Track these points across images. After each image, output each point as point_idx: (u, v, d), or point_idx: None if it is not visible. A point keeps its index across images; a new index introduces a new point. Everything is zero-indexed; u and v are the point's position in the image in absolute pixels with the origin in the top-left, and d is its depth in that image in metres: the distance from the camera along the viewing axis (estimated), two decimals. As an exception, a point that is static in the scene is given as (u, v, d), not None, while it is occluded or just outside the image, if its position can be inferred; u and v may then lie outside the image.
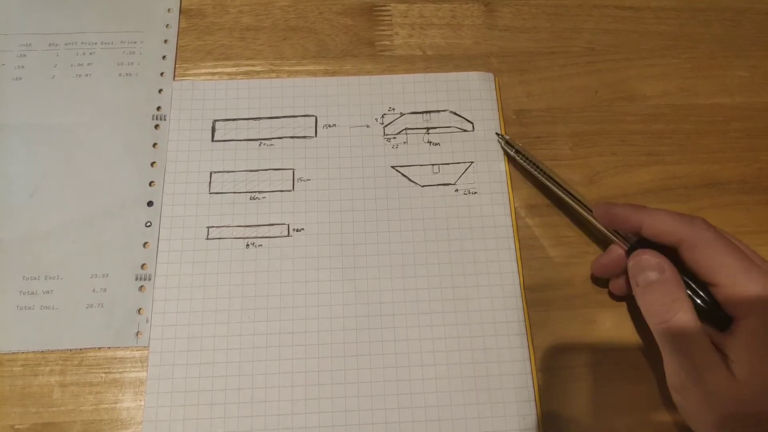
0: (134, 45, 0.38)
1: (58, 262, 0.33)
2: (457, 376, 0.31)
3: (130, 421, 0.30)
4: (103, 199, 0.34)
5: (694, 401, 0.27)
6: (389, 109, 0.37)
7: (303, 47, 0.39)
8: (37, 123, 0.36)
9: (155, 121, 0.36)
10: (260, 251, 0.33)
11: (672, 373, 0.28)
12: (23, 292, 0.32)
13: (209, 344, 0.31)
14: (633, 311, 0.33)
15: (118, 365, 0.31)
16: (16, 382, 0.31)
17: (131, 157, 0.35)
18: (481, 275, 0.33)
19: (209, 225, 0.34)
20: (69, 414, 0.30)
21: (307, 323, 0.32)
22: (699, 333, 0.27)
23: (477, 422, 0.30)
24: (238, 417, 0.30)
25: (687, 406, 0.28)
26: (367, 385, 0.31)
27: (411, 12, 0.40)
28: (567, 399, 0.31)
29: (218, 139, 0.36)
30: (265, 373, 0.31)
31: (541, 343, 0.32)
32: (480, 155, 0.36)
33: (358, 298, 0.33)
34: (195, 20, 0.39)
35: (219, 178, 0.35)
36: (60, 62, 0.37)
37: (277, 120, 0.37)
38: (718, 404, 0.26)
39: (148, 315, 0.32)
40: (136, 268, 0.33)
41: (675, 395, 0.28)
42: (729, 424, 0.26)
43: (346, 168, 0.36)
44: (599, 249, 0.34)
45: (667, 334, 0.27)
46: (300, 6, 0.40)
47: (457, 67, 0.38)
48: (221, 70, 0.38)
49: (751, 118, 0.38)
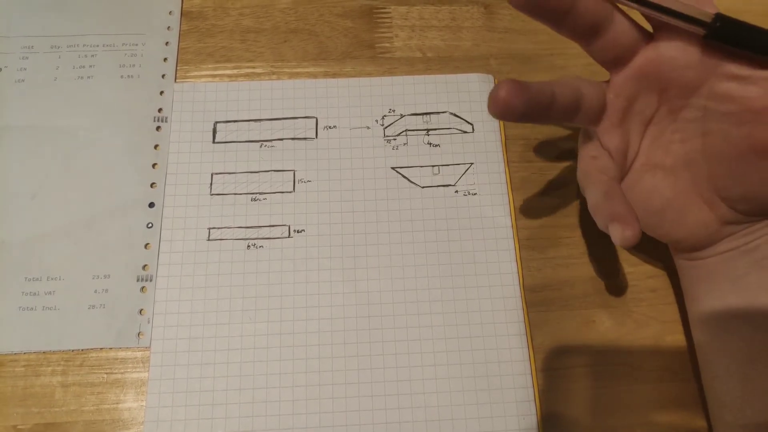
0: (136, 47, 0.38)
1: (59, 263, 0.33)
2: (456, 376, 0.31)
3: (131, 421, 0.30)
4: (104, 201, 0.34)
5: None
6: (389, 110, 0.37)
7: (303, 49, 0.39)
8: (39, 125, 0.36)
9: (156, 122, 0.36)
10: (261, 252, 0.34)
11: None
12: (25, 292, 0.32)
13: (210, 345, 0.32)
14: (633, 311, 0.33)
15: (119, 366, 0.31)
16: (18, 383, 0.31)
17: (133, 158, 0.35)
18: (480, 276, 0.33)
19: (210, 226, 0.34)
20: (71, 414, 0.30)
21: (307, 324, 0.32)
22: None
23: (477, 422, 0.30)
24: (240, 417, 0.30)
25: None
26: (367, 386, 0.31)
27: (411, 14, 0.40)
28: (567, 399, 0.31)
29: (219, 140, 0.36)
30: (266, 373, 0.31)
31: (540, 344, 0.32)
32: (480, 156, 0.36)
33: (359, 298, 0.33)
34: (196, 22, 0.39)
35: (220, 180, 0.35)
36: (62, 64, 0.38)
37: (278, 122, 0.37)
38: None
39: (149, 316, 0.32)
40: (138, 269, 0.33)
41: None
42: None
43: (347, 169, 0.36)
44: (599, 250, 0.34)
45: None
46: (300, 8, 0.40)
47: (456, 69, 0.39)
48: (222, 72, 0.38)
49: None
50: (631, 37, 0.28)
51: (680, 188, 0.29)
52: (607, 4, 0.27)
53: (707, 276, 0.29)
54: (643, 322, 0.33)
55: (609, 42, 0.28)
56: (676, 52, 0.27)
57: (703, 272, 0.29)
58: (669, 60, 0.27)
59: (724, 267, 0.28)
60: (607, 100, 0.29)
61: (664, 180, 0.29)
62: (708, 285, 0.29)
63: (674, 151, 0.29)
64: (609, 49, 0.28)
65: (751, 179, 0.26)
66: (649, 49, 0.28)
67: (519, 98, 0.26)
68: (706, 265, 0.29)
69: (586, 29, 0.27)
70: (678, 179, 0.29)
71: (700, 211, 0.28)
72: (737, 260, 0.28)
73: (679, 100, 0.28)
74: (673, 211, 0.29)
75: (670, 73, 0.27)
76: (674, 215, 0.29)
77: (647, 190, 0.29)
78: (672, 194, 0.29)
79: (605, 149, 0.29)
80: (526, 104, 0.26)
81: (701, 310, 0.30)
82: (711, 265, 0.29)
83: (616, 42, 0.28)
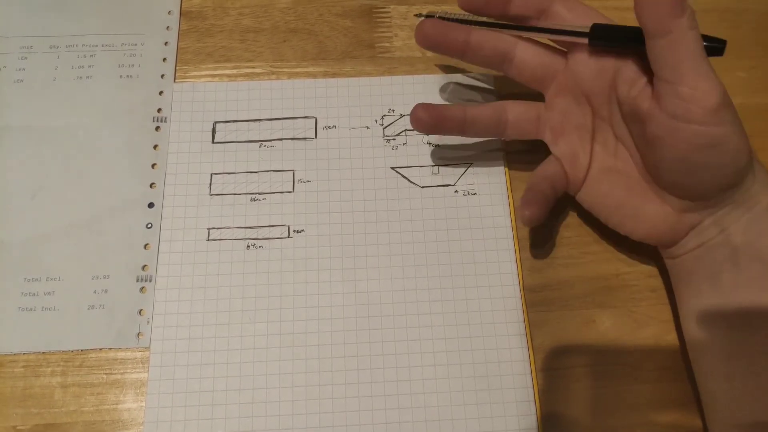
0: (135, 47, 0.38)
1: (59, 263, 0.33)
2: (456, 376, 0.31)
3: (131, 422, 0.30)
4: (104, 201, 0.34)
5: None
6: (389, 110, 0.37)
7: (303, 49, 0.39)
8: (39, 125, 0.36)
9: (156, 123, 0.36)
10: (261, 252, 0.34)
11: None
12: (24, 293, 0.32)
13: (210, 345, 0.32)
14: (633, 311, 0.33)
15: (119, 366, 0.31)
16: (18, 384, 0.31)
17: (132, 158, 0.35)
18: (480, 276, 0.33)
19: (210, 226, 0.34)
20: (70, 415, 0.30)
21: (307, 324, 0.32)
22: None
23: (477, 422, 0.30)
24: (239, 417, 0.30)
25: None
26: (367, 386, 0.31)
27: (410, 14, 0.40)
28: (567, 399, 0.31)
29: (219, 140, 0.36)
30: (266, 373, 0.31)
31: (540, 344, 0.32)
32: (479, 156, 0.36)
33: (359, 298, 0.33)
34: (195, 22, 0.39)
35: (219, 180, 0.35)
36: (61, 64, 0.37)
37: (278, 122, 0.37)
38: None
39: (149, 316, 0.32)
40: (137, 270, 0.33)
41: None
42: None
43: (346, 169, 0.36)
44: (599, 250, 0.34)
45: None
46: (300, 8, 0.40)
47: (456, 69, 0.39)
48: (222, 72, 0.38)
49: (750, 119, 0.38)
50: (541, 60, 0.32)
51: (632, 186, 0.31)
52: (506, 38, 0.32)
53: (687, 275, 0.30)
54: (643, 322, 0.33)
55: (519, 67, 0.32)
56: (581, 66, 0.31)
57: (683, 271, 0.30)
58: (578, 73, 0.31)
59: (699, 265, 0.29)
60: (543, 117, 0.33)
61: (617, 181, 0.31)
62: (688, 284, 0.30)
63: (621, 153, 0.31)
64: (524, 73, 0.33)
65: (671, 162, 0.28)
66: (566, 68, 0.32)
67: (429, 117, 0.32)
68: (684, 263, 0.30)
69: (491, 61, 0.33)
70: (629, 178, 0.31)
71: (654, 204, 0.30)
72: (707, 257, 0.29)
73: (603, 108, 0.31)
74: (630, 208, 0.31)
75: (584, 85, 0.31)
76: (632, 211, 0.31)
77: (604, 191, 0.32)
78: (625, 193, 0.31)
79: (555, 157, 0.33)
80: (435, 122, 0.32)
81: (685, 310, 0.30)
82: (687, 263, 0.30)
83: (525, 66, 0.32)
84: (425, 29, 0.32)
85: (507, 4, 0.31)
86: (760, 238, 0.28)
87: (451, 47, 0.32)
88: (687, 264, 0.30)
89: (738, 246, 0.28)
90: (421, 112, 0.32)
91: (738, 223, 0.28)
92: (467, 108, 0.33)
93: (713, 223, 0.29)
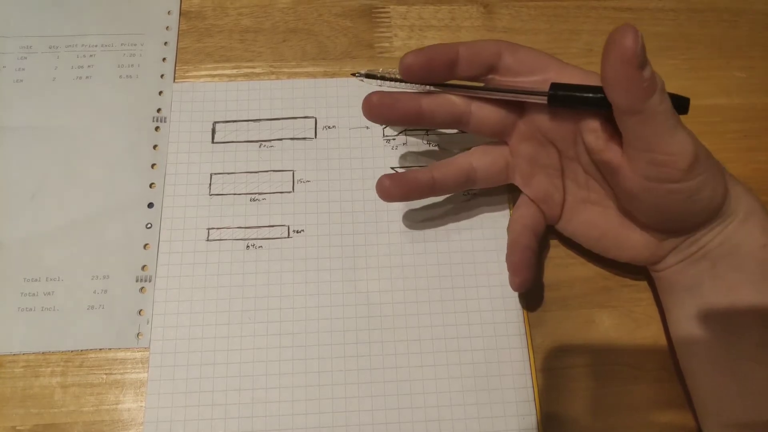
0: (134, 47, 0.38)
1: (58, 263, 0.33)
2: (456, 376, 0.31)
3: (131, 422, 0.30)
4: (103, 201, 0.34)
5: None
6: (389, 110, 0.37)
7: (302, 49, 0.39)
8: (38, 125, 0.36)
9: (155, 123, 0.36)
10: (260, 252, 0.34)
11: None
12: (24, 293, 0.32)
13: (210, 345, 0.32)
14: (633, 311, 0.33)
15: (119, 366, 0.31)
16: (17, 384, 0.31)
17: (132, 158, 0.35)
18: (480, 276, 0.33)
19: (209, 226, 0.34)
20: (70, 415, 0.30)
21: (307, 324, 0.32)
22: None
23: (477, 422, 0.30)
24: (239, 418, 0.30)
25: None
26: (367, 386, 0.31)
27: (410, 14, 0.40)
28: (566, 399, 0.31)
29: (218, 140, 0.36)
30: (266, 373, 0.31)
31: (540, 344, 0.32)
32: (479, 156, 0.36)
33: (358, 298, 0.33)
34: (195, 22, 0.39)
35: (219, 180, 0.35)
36: (60, 64, 0.37)
37: (277, 122, 0.37)
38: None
39: (148, 316, 0.32)
40: (137, 270, 0.33)
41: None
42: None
43: (346, 169, 0.36)
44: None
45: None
46: (299, 8, 0.40)
47: (456, 69, 0.39)
48: (221, 72, 0.38)
49: (749, 119, 0.38)
50: (498, 115, 0.31)
51: (610, 217, 0.31)
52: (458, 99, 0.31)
53: (669, 287, 0.31)
54: (643, 322, 0.33)
55: (477, 126, 0.31)
56: (541, 119, 0.30)
57: (666, 284, 0.31)
58: (539, 124, 0.30)
59: (680, 278, 0.30)
60: (511, 163, 0.32)
61: (596, 212, 0.31)
62: (671, 296, 0.31)
63: (594, 187, 0.31)
64: (482, 130, 0.31)
65: (646, 210, 0.28)
66: (525, 117, 0.31)
67: (397, 188, 0.31)
68: (666, 277, 0.31)
69: (447, 124, 0.31)
70: (607, 209, 0.31)
71: (634, 233, 0.30)
72: (688, 270, 0.29)
73: (569, 150, 0.30)
74: (611, 238, 0.31)
75: (546, 134, 0.30)
76: (613, 241, 0.31)
77: (584, 222, 0.32)
78: (605, 224, 0.31)
79: (530, 198, 0.32)
80: (403, 191, 0.31)
81: (672, 318, 0.31)
82: (669, 276, 0.30)
83: (483, 123, 0.31)
84: (372, 103, 0.30)
85: (451, 68, 0.29)
86: (738, 246, 0.28)
87: (402, 119, 0.31)
88: (669, 277, 0.30)
89: (716, 258, 0.28)
90: (388, 182, 0.31)
91: (716, 239, 0.28)
92: (434, 170, 0.32)
93: (692, 243, 0.29)
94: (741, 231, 0.28)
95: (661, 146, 0.25)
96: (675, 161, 0.25)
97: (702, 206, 0.27)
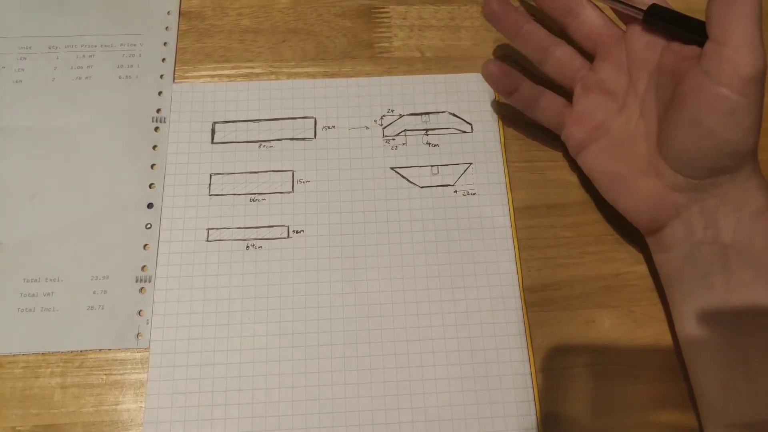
0: (134, 47, 0.38)
1: (58, 264, 0.33)
2: (456, 376, 0.31)
3: (130, 422, 0.30)
4: (103, 202, 0.34)
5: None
6: (388, 110, 0.37)
7: (302, 49, 0.39)
8: (37, 126, 0.36)
9: (155, 123, 0.36)
10: (260, 253, 0.34)
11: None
12: (24, 294, 0.32)
13: (209, 345, 0.32)
14: (633, 311, 0.33)
15: (118, 367, 0.31)
16: (17, 384, 0.31)
17: (131, 159, 0.35)
18: (480, 276, 0.33)
19: (209, 227, 0.34)
20: (70, 416, 0.30)
21: (307, 324, 0.32)
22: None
23: (477, 422, 0.30)
24: (239, 418, 0.30)
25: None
26: (367, 386, 0.31)
27: (409, 14, 0.40)
28: (566, 399, 0.31)
29: (218, 141, 0.36)
30: (266, 374, 0.31)
31: (540, 344, 0.32)
32: (479, 156, 0.36)
33: (358, 299, 0.33)
34: (194, 22, 0.39)
35: (219, 180, 0.35)
36: (60, 65, 0.37)
37: (277, 122, 0.37)
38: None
39: (148, 317, 0.32)
40: (137, 270, 0.33)
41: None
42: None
43: (346, 169, 0.36)
44: (598, 250, 0.34)
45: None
46: (299, 8, 0.40)
47: (455, 69, 0.39)
48: (221, 73, 0.38)
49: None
50: (604, 23, 0.33)
51: (633, 161, 0.31)
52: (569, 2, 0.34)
53: (677, 274, 0.30)
54: (643, 322, 0.33)
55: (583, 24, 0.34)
56: (636, 37, 0.32)
57: (673, 270, 0.31)
58: (631, 44, 0.32)
59: (689, 264, 0.29)
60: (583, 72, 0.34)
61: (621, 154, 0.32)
62: (679, 285, 0.30)
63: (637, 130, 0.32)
64: (583, 30, 0.34)
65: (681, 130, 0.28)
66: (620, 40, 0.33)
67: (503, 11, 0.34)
68: (673, 261, 0.30)
69: (559, 10, 0.34)
70: (632, 153, 0.31)
71: (647, 178, 0.30)
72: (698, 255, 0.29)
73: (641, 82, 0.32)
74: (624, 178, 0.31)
75: (633, 56, 0.32)
76: (624, 182, 0.32)
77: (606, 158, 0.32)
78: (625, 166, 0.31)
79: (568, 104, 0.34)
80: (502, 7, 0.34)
81: (678, 312, 0.31)
82: (677, 261, 0.30)
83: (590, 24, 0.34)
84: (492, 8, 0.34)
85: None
86: (751, 241, 0.28)
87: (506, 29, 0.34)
88: (676, 262, 0.30)
89: (727, 246, 0.28)
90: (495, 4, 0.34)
91: (727, 221, 0.28)
92: (531, 20, 0.34)
93: (700, 213, 0.29)
94: (756, 224, 0.28)
95: (735, 39, 0.26)
96: (738, 63, 0.26)
97: (735, 136, 0.27)
